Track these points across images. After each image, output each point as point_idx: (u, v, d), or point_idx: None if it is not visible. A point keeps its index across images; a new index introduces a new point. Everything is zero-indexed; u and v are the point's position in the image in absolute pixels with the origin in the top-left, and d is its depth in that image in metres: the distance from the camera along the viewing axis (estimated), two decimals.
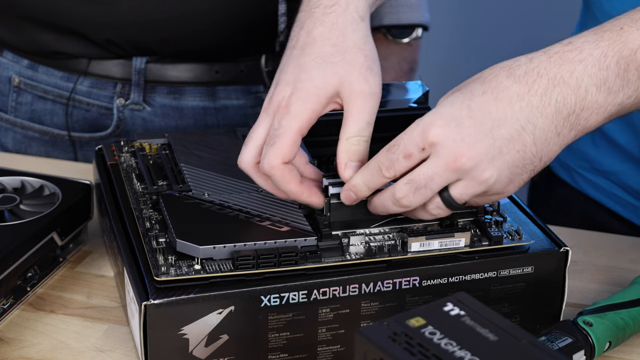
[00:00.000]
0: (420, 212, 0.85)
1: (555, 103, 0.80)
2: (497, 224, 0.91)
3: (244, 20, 1.23)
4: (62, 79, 1.28)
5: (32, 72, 1.29)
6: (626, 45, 0.80)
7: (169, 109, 1.28)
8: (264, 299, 0.84)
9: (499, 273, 0.89)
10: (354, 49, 0.87)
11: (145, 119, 1.28)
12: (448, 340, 0.67)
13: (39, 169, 1.07)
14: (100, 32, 1.23)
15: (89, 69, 1.27)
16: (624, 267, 1.05)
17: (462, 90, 0.82)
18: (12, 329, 0.93)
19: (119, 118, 1.27)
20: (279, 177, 0.85)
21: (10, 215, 0.98)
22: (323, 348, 0.87)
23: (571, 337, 0.86)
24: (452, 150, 0.79)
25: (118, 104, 1.27)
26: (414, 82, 1.09)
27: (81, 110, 1.28)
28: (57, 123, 1.30)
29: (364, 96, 0.86)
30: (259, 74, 1.29)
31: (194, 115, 1.28)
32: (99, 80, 1.27)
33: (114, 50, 1.25)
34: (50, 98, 1.28)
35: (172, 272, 0.83)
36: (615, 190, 1.18)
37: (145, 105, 1.27)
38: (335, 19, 0.88)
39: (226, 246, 0.85)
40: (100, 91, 1.27)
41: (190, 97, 1.28)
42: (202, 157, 1.00)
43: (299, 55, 0.87)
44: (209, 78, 1.28)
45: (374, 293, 0.86)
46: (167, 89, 1.27)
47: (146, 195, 0.95)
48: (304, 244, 0.86)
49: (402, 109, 1.02)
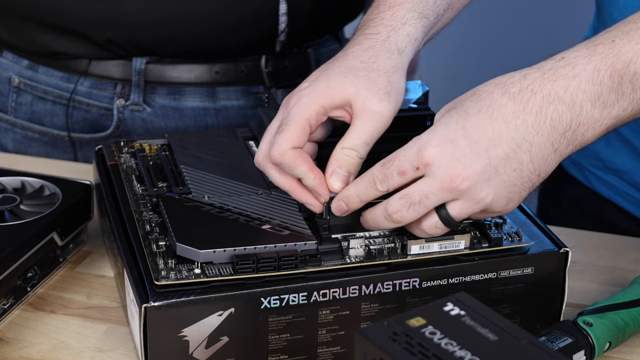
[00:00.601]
0: (415, 229, 0.85)
1: (551, 120, 0.80)
2: (497, 225, 0.91)
3: (244, 20, 1.23)
4: (62, 79, 1.28)
5: (32, 73, 1.29)
6: (619, 58, 0.80)
7: (169, 110, 1.28)
8: (264, 301, 0.84)
9: (498, 274, 0.89)
10: (380, 72, 0.88)
11: (145, 120, 1.28)
12: (448, 340, 0.67)
13: (39, 169, 1.07)
14: (101, 32, 1.23)
15: (89, 69, 1.26)
16: (624, 267, 1.06)
17: (457, 108, 0.82)
18: (12, 329, 0.93)
19: (119, 119, 1.27)
20: (290, 161, 0.85)
21: (10, 216, 0.98)
22: (323, 349, 0.87)
23: (571, 337, 0.86)
24: (447, 170, 0.80)
25: (118, 105, 1.27)
26: (414, 82, 1.09)
27: (81, 110, 1.28)
28: (57, 124, 1.30)
29: (373, 116, 0.86)
30: (259, 74, 1.28)
31: (194, 116, 1.28)
32: (99, 80, 1.27)
33: (114, 51, 1.24)
34: (50, 99, 1.28)
35: (172, 276, 0.83)
36: (627, 189, 1.19)
37: (145, 106, 1.27)
38: (374, 44, 0.89)
39: (226, 250, 0.85)
40: (100, 92, 1.27)
41: (190, 97, 1.28)
42: (202, 158, 0.99)
43: (328, 64, 0.89)
44: (209, 79, 1.27)
45: (374, 294, 0.86)
46: (167, 90, 1.27)
47: (146, 197, 0.95)
48: (304, 247, 0.86)
49: (402, 109, 1.02)
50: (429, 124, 1.03)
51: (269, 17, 1.23)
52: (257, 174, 0.97)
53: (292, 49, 1.29)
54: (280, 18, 1.24)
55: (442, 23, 0.97)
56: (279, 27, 1.24)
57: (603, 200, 1.22)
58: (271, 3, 1.22)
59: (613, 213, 1.21)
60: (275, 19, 1.23)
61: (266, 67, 1.28)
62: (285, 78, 1.30)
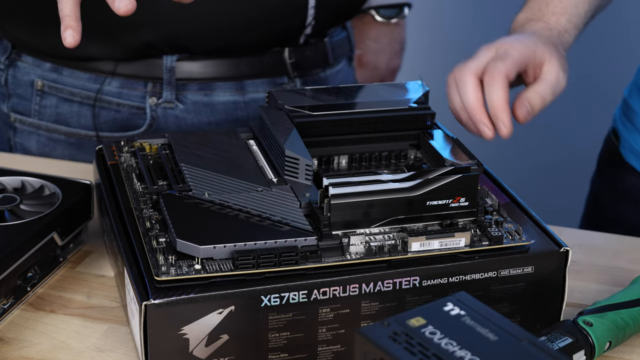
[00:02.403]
0: None
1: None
2: (497, 223, 0.91)
3: (275, 14, 1.24)
4: (89, 80, 1.27)
5: (56, 75, 1.28)
6: None
7: (201, 105, 1.28)
8: (264, 299, 0.84)
9: (499, 273, 0.89)
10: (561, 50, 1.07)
11: (177, 117, 1.28)
12: (448, 340, 0.67)
13: (39, 169, 1.07)
14: (136, 34, 1.22)
15: (117, 69, 1.26)
16: (624, 267, 1.06)
17: None
18: (12, 329, 0.93)
19: (152, 117, 1.27)
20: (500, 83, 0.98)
21: (10, 215, 0.98)
22: (323, 348, 0.87)
23: (571, 337, 0.86)
24: None
25: (151, 103, 1.27)
26: (414, 82, 1.09)
27: (110, 110, 1.28)
28: (83, 124, 1.29)
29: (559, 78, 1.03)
30: (283, 65, 1.30)
31: (225, 110, 1.28)
32: (128, 80, 1.26)
33: (146, 51, 1.24)
34: (77, 100, 1.28)
35: (172, 271, 0.83)
36: None
37: (178, 103, 1.27)
38: (549, 33, 1.09)
39: (226, 246, 0.85)
40: (131, 91, 1.27)
41: (220, 92, 1.28)
42: (202, 156, 1.00)
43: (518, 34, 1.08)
44: (236, 72, 1.28)
45: (374, 293, 0.86)
46: (197, 86, 1.27)
47: (146, 195, 0.95)
48: (304, 243, 0.86)
49: (403, 109, 1.03)
50: (429, 123, 1.03)
51: (298, 11, 1.24)
52: (257, 172, 0.97)
53: (312, 40, 1.31)
54: (310, 11, 1.25)
55: None
56: (307, 19, 1.25)
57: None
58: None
59: None
60: (304, 12, 1.25)
61: (290, 59, 1.29)
62: (307, 68, 1.32)
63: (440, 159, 0.96)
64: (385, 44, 1.52)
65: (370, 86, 1.10)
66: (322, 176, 0.89)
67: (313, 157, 0.98)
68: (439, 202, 0.90)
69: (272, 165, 0.98)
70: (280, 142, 0.96)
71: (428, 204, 0.90)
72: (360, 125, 1.01)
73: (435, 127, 1.03)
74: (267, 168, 0.98)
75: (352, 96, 1.06)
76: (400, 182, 0.89)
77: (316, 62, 1.33)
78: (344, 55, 1.40)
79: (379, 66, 1.54)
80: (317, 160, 1.00)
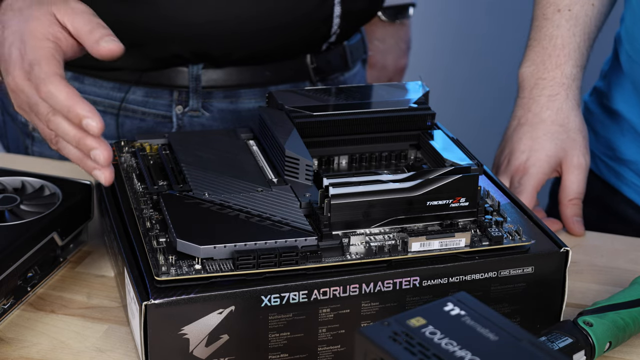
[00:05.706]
0: None
1: None
2: (498, 224, 0.91)
3: (301, 24, 1.24)
4: (113, 89, 1.26)
5: (78, 84, 1.27)
6: None
7: (227, 113, 1.28)
8: (264, 299, 0.84)
9: (499, 273, 0.89)
10: (576, 131, 1.13)
11: (204, 125, 1.27)
12: (448, 340, 0.67)
13: (39, 169, 1.07)
14: (165, 46, 1.21)
15: (142, 78, 1.25)
16: (624, 267, 1.06)
17: None
18: (13, 329, 0.93)
19: (178, 125, 1.27)
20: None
21: (10, 216, 0.98)
22: (323, 348, 0.87)
23: (571, 337, 0.86)
24: None
25: (177, 112, 1.26)
26: (415, 82, 1.09)
27: (135, 119, 1.27)
28: (106, 133, 1.27)
29: (581, 169, 1.13)
30: (306, 71, 1.30)
31: (252, 117, 1.28)
32: (153, 89, 1.26)
33: (173, 61, 1.24)
34: (100, 109, 1.26)
35: (172, 271, 0.83)
36: (635, 179, 1.23)
37: (204, 111, 1.27)
38: (560, 105, 1.14)
39: (226, 246, 0.85)
40: (157, 100, 1.26)
41: (246, 99, 1.28)
42: (203, 157, 1.00)
43: (531, 131, 1.14)
44: (260, 79, 1.28)
45: (375, 293, 0.86)
46: (223, 93, 1.27)
47: (146, 195, 0.95)
48: (304, 243, 0.86)
49: (403, 109, 1.03)
50: (429, 123, 1.03)
51: (324, 20, 1.24)
52: (257, 172, 0.97)
53: (333, 45, 1.31)
54: (335, 20, 1.25)
55: None
56: (332, 28, 1.25)
57: (610, 189, 1.27)
58: (327, 6, 1.23)
59: (617, 201, 1.26)
60: (330, 22, 1.24)
61: (312, 64, 1.29)
62: (328, 72, 1.32)
63: (440, 159, 0.96)
64: (392, 43, 1.52)
65: (371, 86, 1.10)
66: (323, 176, 0.89)
67: (313, 158, 0.98)
68: (439, 202, 0.90)
69: (272, 166, 0.98)
70: (280, 142, 0.96)
71: (428, 204, 0.90)
72: (360, 125, 1.01)
73: (436, 128, 1.03)
74: (267, 168, 0.98)
75: (352, 96, 1.06)
76: (400, 182, 0.89)
77: (337, 66, 1.33)
78: (359, 58, 1.40)
79: (387, 66, 1.54)
80: (317, 161, 1.00)
